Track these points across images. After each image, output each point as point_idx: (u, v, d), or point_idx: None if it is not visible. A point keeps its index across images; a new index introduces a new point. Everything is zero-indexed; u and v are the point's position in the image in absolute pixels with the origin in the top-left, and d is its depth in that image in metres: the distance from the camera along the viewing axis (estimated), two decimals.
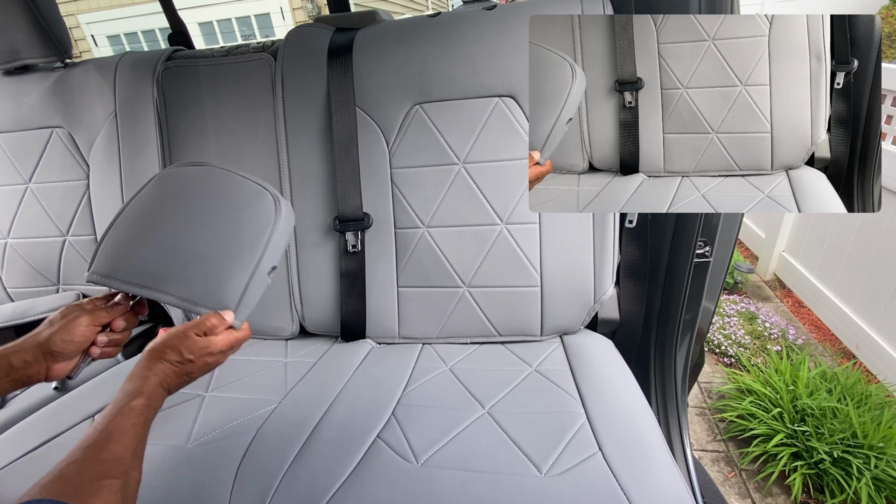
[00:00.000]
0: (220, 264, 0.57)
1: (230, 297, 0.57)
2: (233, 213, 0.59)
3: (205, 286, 0.56)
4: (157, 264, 0.56)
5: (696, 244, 0.81)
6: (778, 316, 1.95)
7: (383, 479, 0.59)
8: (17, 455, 0.67)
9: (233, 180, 0.62)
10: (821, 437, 1.24)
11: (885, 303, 1.58)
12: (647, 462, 0.58)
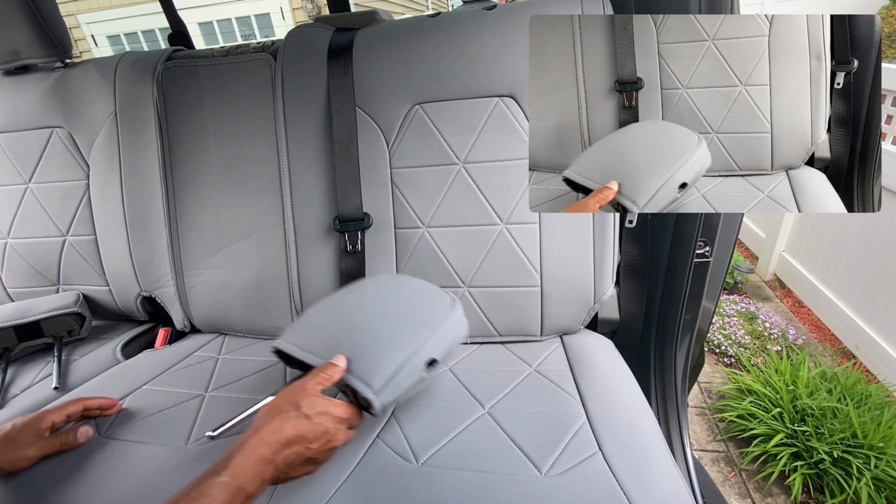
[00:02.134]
0: (382, 341, 0.59)
1: (380, 373, 0.57)
2: (410, 302, 0.65)
3: (362, 357, 0.58)
4: (336, 337, 0.61)
5: (696, 244, 0.81)
6: (778, 316, 1.95)
7: (383, 479, 0.59)
8: None
9: (419, 283, 0.69)
10: (821, 437, 1.24)
11: (885, 303, 1.58)
12: (647, 462, 0.58)
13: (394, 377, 0.57)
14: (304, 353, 0.60)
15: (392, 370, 0.57)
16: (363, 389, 0.56)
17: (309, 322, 0.65)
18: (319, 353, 0.59)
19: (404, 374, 0.58)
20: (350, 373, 0.57)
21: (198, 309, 1.00)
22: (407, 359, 0.58)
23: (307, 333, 0.63)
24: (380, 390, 0.56)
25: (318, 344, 0.61)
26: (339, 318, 0.64)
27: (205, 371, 0.86)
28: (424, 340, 0.60)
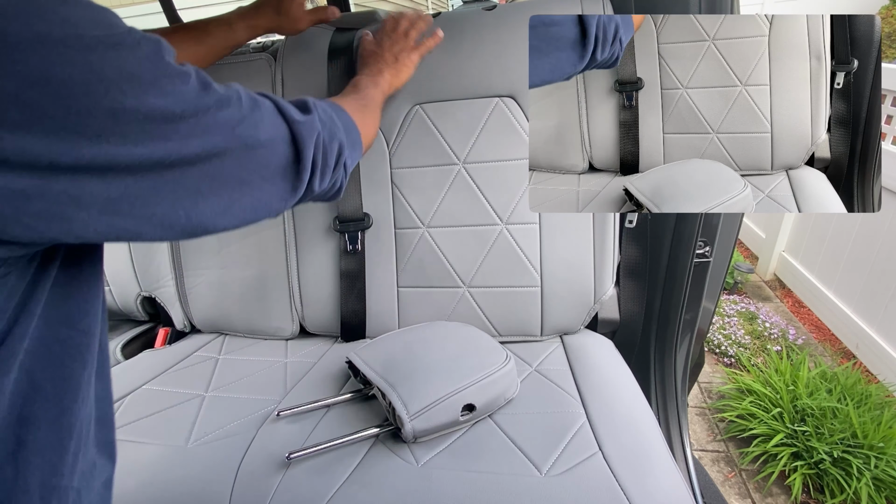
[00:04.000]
0: (430, 375, 0.66)
1: (419, 400, 0.62)
2: (467, 349, 0.72)
3: (409, 382, 0.65)
4: (395, 362, 0.69)
5: (696, 244, 0.81)
6: (778, 316, 1.95)
7: (383, 479, 0.59)
8: None
9: (483, 336, 0.76)
10: (821, 437, 1.24)
11: (885, 303, 1.58)
12: (647, 462, 0.58)
13: (430, 408, 0.62)
14: (367, 367, 0.69)
15: (430, 401, 0.62)
16: (400, 409, 0.62)
17: (378, 344, 0.75)
18: (378, 371, 0.68)
19: (440, 409, 0.62)
20: (395, 392, 0.64)
21: (198, 309, 1.00)
22: (447, 396, 0.63)
23: (374, 353, 0.72)
24: (414, 416, 0.61)
25: (379, 364, 0.69)
26: (403, 347, 0.73)
27: (205, 371, 0.86)
28: (467, 385, 0.64)
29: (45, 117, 0.25)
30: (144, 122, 0.28)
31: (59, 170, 0.26)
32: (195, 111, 0.31)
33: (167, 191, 0.31)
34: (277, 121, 0.39)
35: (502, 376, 0.67)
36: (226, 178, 0.35)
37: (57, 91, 0.25)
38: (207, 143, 0.33)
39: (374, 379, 0.67)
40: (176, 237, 0.34)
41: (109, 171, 0.28)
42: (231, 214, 0.37)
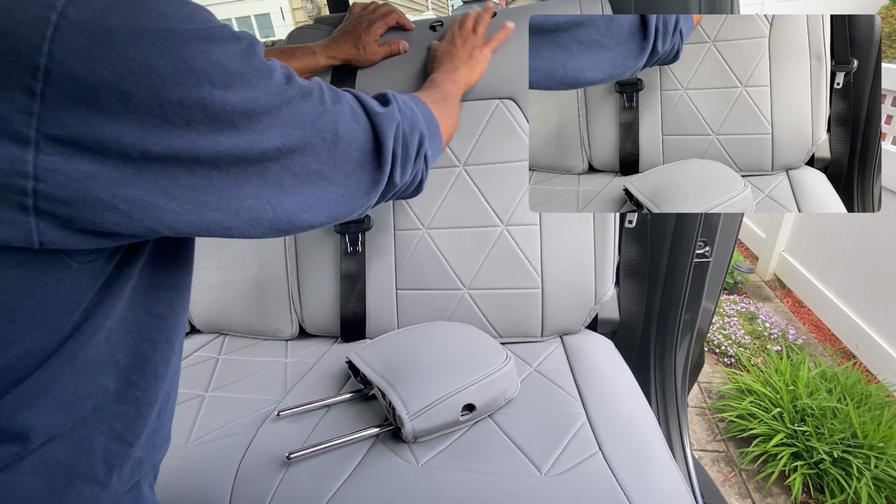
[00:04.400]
0: (430, 374, 0.66)
1: (419, 400, 0.62)
2: (467, 349, 0.72)
3: (409, 383, 0.64)
4: (395, 362, 0.69)
5: (696, 244, 0.81)
6: (778, 316, 1.95)
7: (383, 479, 0.59)
8: None
9: (483, 336, 0.76)
10: (821, 437, 1.24)
11: (885, 303, 1.58)
12: (647, 462, 0.58)
13: (430, 408, 0.62)
14: (367, 367, 0.70)
15: (430, 401, 0.62)
16: (400, 409, 0.61)
17: (378, 344, 0.75)
18: (378, 371, 0.68)
19: (440, 409, 0.62)
20: (395, 391, 0.64)
21: (198, 309, 1.00)
22: (446, 396, 0.63)
23: (374, 353, 0.73)
24: (414, 415, 0.61)
25: (379, 364, 0.69)
26: (403, 347, 0.73)
27: (205, 371, 0.86)
28: (467, 385, 0.64)
29: (140, 106, 0.26)
30: (231, 114, 0.30)
31: (151, 159, 0.27)
32: (279, 104, 0.32)
33: (251, 185, 0.32)
34: (358, 113, 0.40)
35: (502, 376, 0.67)
36: (307, 172, 0.36)
37: (151, 81, 0.26)
38: (289, 137, 0.33)
39: (374, 379, 0.67)
40: (265, 233, 0.35)
41: (196, 162, 0.29)
42: (316, 209, 0.37)
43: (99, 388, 0.33)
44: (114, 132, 0.26)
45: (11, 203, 0.24)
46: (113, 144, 0.26)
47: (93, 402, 0.32)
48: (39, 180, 0.25)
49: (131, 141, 0.26)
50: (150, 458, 0.39)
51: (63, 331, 0.30)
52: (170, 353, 0.39)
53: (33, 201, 0.25)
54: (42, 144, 0.24)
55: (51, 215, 0.26)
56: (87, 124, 0.25)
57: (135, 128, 0.26)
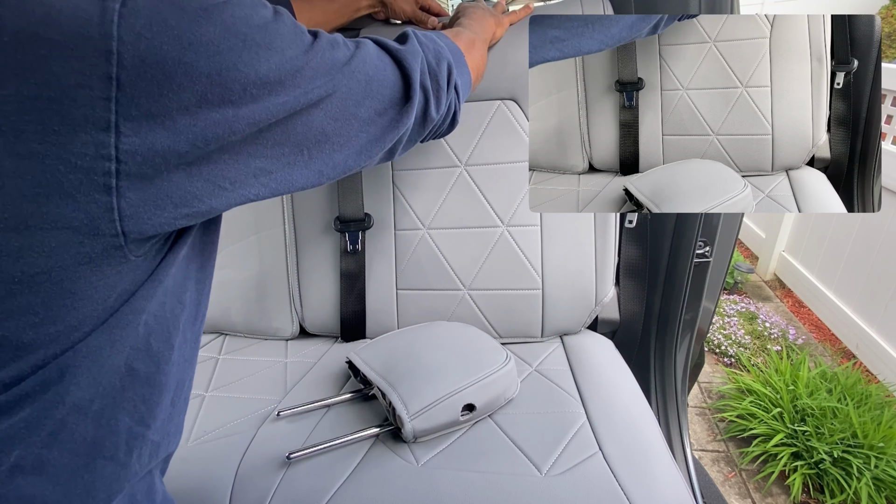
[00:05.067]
0: (430, 374, 0.66)
1: (419, 400, 0.62)
2: (467, 349, 0.72)
3: (409, 382, 0.65)
4: (395, 361, 0.69)
5: (696, 244, 0.81)
6: (778, 316, 1.95)
7: (383, 479, 0.59)
8: None
9: (483, 336, 0.76)
10: (821, 437, 1.24)
11: (885, 303, 1.58)
12: (647, 462, 0.58)
13: (430, 408, 0.62)
14: (367, 367, 0.69)
15: (430, 401, 0.62)
16: (400, 409, 0.62)
17: (378, 344, 0.75)
18: (378, 371, 0.68)
19: (440, 409, 0.62)
20: (395, 391, 0.64)
21: None
22: (446, 396, 0.63)
23: (374, 353, 0.73)
24: (414, 415, 0.61)
25: (379, 364, 0.69)
26: (403, 346, 0.73)
27: (205, 371, 0.86)
28: (467, 385, 0.64)
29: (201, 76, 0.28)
30: (278, 73, 0.32)
31: (217, 129, 0.30)
32: (314, 56, 0.35)
33: (297, 135, 0.35)
34: (381, 53, 0.43)
35: (502, 376, 0.67)
36: (346, 115, 0.38)
37: (207, 50, 0.28)
38: (327, 84, 0.36)
39: (374, 379, 0.67)
40: (320, 179, 0.39)
41: (255, 125, 0.32)
42: (364, 152, 0.41)
43: (129, 370, 0.34)
44: (182, 106, 0.27)
45: (97, 185, 0.26)
46: (183, 119, 0.28)
47: (123, 383, 0.33)
48: (121, 161, 0.26)
49: (198, 112, 0.28)
50: (164, 444, 0.40)
51: (108, 312, 0.31)
52: (191, 339, 0.40)
53: (116, 181, 0.26)
54: (121, 127, 0.26)
55: (131, 195, 0.27)
56: (158, 102, 0.27)
57: (200, 100, 0.28)
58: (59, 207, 0.26)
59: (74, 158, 0.25)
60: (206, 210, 0.32)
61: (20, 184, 0.24)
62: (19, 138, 0.24)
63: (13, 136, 0.24)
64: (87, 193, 0.26)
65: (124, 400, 0.34)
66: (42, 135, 0.24)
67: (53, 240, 0.26)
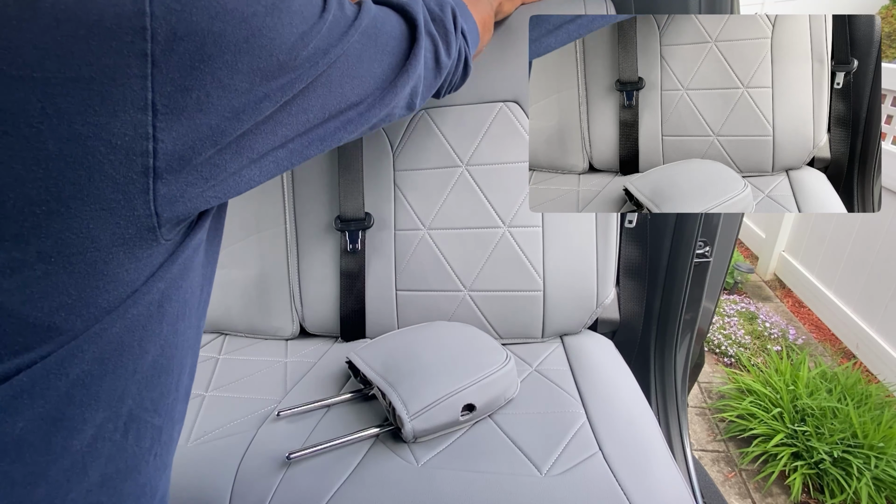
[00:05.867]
0: (430, 374, 0.66)
1: (419, 400, 0.62)
2: (467, 349, 0.72)
3: (409, 382, 0.65)
4: (395, 361, 0.69)
5: (696, 244, 0.81)
6: (778, 316, 1.95)
7: (383, 479, 0.59)
8: None
9: (483, 336, 0.76)
10: (821, 437, 1.24)
11: (885, 303, 1.58)
12: (647, 462, 0.58)
13: (430, 408, 0.62)
14: (367, 367, 0.69)
15: (430, 401, 0.62)
16: (400, 409, 0.61)
17: (378, 344, 0.75)
18: (378, 371, 0.68)
19: (440, 409, 0.62)
20: (395, 391, 0.64)
21: None
22: (446, 396, 0.63)
23: (374, 353, 0.73)
24: (414, 415, 0.61)
25: (379, 364, 0.69)
26: (403, 346, 0.73)
27: (205, 371, 0.86)
28: (467, 385, 0.64)
29: (231, 45, 0.28)
30: (301, 38, 0.32)
31: (248, 99, 0.30)
32: (328, 16, 0.35)
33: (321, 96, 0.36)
34: (381, 7, 0.43)
35: (502, 376, 0.67)
36: (361, 72, 0.39)
37: (233, 17, 0.28)
38: (343, 43, 0.36)
39: (374, 379, 0.67)
40: (342, 138, 0.40)
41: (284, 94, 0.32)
42: (379, 105, 0.42)
43: (141, 352, 0.33)
44: (214, 78, 0.27)
45: (136, 166, 0.26)
46: (215, 91, 0.28)
47: (135, 365, 0.33)
48: (158, 140, 0.26)
49: (230, 83, 0.28)
50: (167, 429, 0.40)
51: (130, 291, 0.31)
52: (196, 324, 0.40)
53: (153, 161, 0.27)
54: (158, 105, 0.26)
55: (168, 175, 0.28)
56: (191, 76, 0.26)
57: (231, 70, 0.28)
58: (98, 189, 0.26)
59: (115, 139, 0.25)
60: (233, 186, 0.32)
61: (63, 166, 0.24)
62: (62, 120, 0.24)
63: (56, 119, 0.24)
64: (125, 174, 0.26)
65: (132, 382, 0.34)
66: (84, 115, 0.24)
67: (91, 221, 0.26)
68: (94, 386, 0.31)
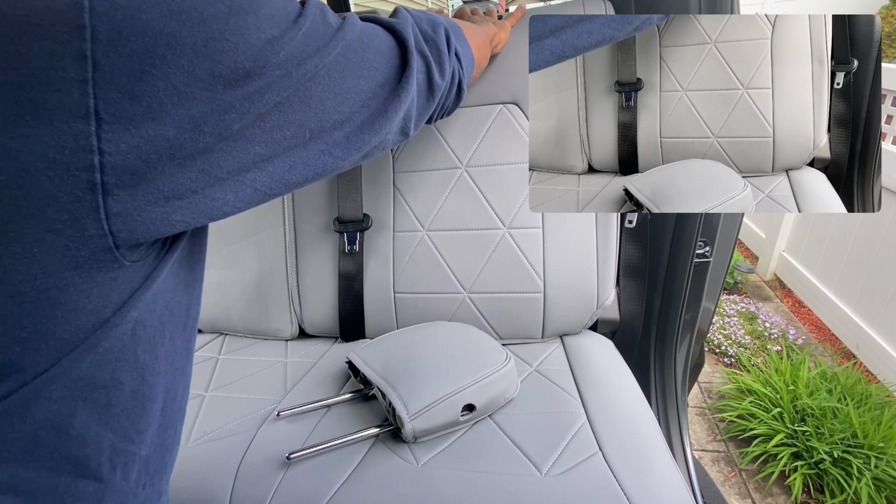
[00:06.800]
0: (430, 374, 0.66)
1: (419, 400, 0.62)
2: (467, 349, 0.72)
3: (409, 383, 0.64)
4: (395, 361, 0.69)
5: (696, 244, 0.81)
6: (778, 316, 1.95)
7: (383, 479, 0.59)
8: None
9: (483, 336, 0.76)
10: (821, 437, 1.24)
11: (885, 303, 1.58)
12: (647, 462, 0.58)
13: (430, 408, 0.62)
14: (366, 367, 0.70)
15: (430, 401, 0.62)
16: (400, 409, 0.61)
17: (378, 345, 0.75)
18: (378, 371, 0.68)
19: (440, 409, 0.62)
20: (395, 392, 0.64)
21: None
22: (446, 396, 0.63)
23: (374, 353, 0.73)
24: (414, 416, 0.61)
25: (379, 364, 0.69)
26: (403, 346, 0.73)
27: (205, 371, 0.86)
28: (467, 385, 0.64)
29: (186, 48, 0.25)
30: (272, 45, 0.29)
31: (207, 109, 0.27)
32: (305, 24, 0.32)
33: (299, 112, 0.32)
34: (370, 24, 0.40)
35: (502, 376, 0.67)
36: (346, 88, 0.36)
37: (191, 17, 0.25)
38: (323, 55, 0.33)
39: (374, 379, 0.67)
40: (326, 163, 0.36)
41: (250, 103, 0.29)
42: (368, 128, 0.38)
43: (114, 383, 0.31)
44: (169, 85, 0.24)
45: (81, 182, 0.23)
46: (170, 100, 0.25)
47: (108, 397, 0.31)
48: (104, 153, 0.23)
49: (186, 91, 0.25)
50: (156, 457, 0.38)
51: (97, 322, 0.29)
52: (182, 347, 0.38)
53: (101, 176, 0.24)
54: (102, 113, 0.23)
55: (119, 191, 0.25)
56: (141, 80, 0.24)
57: (188, 76, 0.25)
58: (39, 209, 0.23)
59: (52, 153, 0.22)
60: (204, 209, 0.29)
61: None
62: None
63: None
64: (69, 192, 0.23)
65: (109, 416, 0.32)
66: (14, 127, 0.21)
67: (36, 245, 0.23)
68: (65, 426, 0.29)
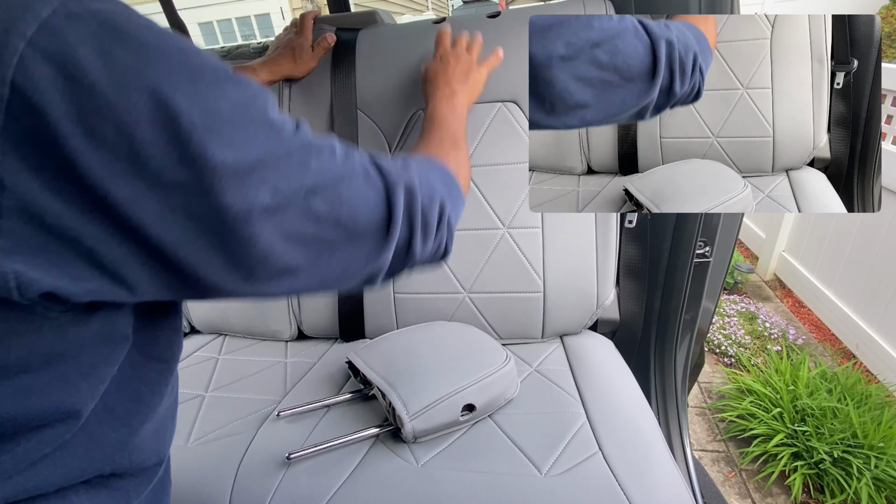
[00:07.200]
0: (430, 375, 0.66)
1: (419, 400, 0.62)
2: (467, 350, 0.72)
3: (409, 383, 0.65)
4: (395, 362, 0.69)
5: (696, 244, 0.81)
6: (778, 316, 1.95)
7: (383, 479, 0.59)
8: None
9: (483, 336, 0.77)
10: (821, 437, 1.24)
11: (885, 303, 1.58)
12: (647, 462, 0.58)
13: (430, 408, 0.62)
14: (367, 367, 0.70)
15: (430, 401, 0.62)
16: (400, 409, 0.62)
17: (378, 345, 0.75)
18: (378, 371, 0.68)
19: (440, 409, 0.62)
20: (395, 392, 0.64)
21: (197, 310, 1.00)
22: (446, 396, 0.63)
23: (374, 353, 0.73)
24: (414, 416, 0.61)
25: (379, 364, 0.69)
26: (403, 347, 0.73)
27: (205, 371, 0.86)
28: (467, 385, 0.65)
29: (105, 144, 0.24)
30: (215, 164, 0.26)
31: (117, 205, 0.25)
32: (274, 158, 0.29)
33: (234, 244, 0.28)
34: (371, 175, 0.37)
35: (502, 376, 0.67)
36: (308, 237, 0.31)
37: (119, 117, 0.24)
38: (278, 195, 0.29)
39: (374, 379, 0.67)
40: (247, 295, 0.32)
41: (169, 214, 0.26)
42: (308, 277, 0.33)
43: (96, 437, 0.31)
44: (79, 168, 0.23)
45: None
46: (78, 181, 0.23)
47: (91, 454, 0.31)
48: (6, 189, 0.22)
49: (97, 181, 0.24)
50: (145, 477, 0.36)
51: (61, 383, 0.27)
52: (159, 398, 0.36)
53: None
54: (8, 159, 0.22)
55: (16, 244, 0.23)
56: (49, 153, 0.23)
57: (101, 167, 0.24)
58: None
59: None
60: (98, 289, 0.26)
61: None
62: None
63: None
64: None
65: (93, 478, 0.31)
66: None
67: None
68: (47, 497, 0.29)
